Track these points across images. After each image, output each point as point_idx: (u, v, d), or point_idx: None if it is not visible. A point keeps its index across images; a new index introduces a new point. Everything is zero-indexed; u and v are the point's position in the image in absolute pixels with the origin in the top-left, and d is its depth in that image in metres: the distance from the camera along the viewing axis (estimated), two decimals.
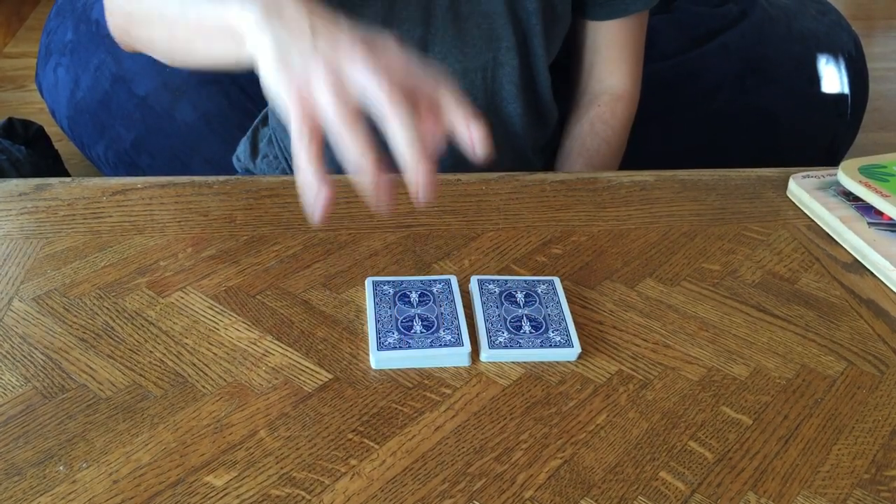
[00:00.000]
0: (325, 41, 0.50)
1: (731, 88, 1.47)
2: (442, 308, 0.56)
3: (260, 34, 0.52)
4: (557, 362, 0.53)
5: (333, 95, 0.48)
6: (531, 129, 0.94)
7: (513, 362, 0.52)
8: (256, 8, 0.53)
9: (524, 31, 0.85)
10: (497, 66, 0.86)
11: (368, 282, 0.58)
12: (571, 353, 0.53)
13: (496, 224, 0.67)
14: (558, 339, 0.53)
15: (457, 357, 0.52)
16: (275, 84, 0.51)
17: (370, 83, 0.48)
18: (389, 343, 0.53)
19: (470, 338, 0.53)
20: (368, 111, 0.48)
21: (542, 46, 0.87)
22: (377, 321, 0.54)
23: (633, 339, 0.55)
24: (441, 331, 0.54)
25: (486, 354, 0.53)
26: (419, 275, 0.60)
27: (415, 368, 0.52)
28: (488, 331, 0.54)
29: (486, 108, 0.89)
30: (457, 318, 0.55)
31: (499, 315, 0.55)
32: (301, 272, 0.61)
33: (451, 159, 0.90)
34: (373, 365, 0.52)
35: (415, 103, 0.49)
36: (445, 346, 0.52)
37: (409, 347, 0.52)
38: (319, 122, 0.49)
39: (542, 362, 0.53)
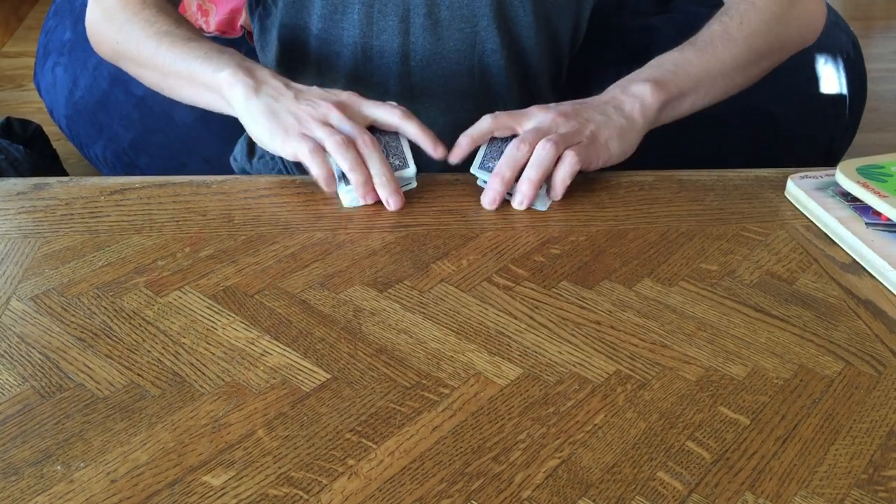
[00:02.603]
0: (304, 99, 0.68)
1: None
2: (387, 137, 0.69)
3: (249, 103, 0.68)
4: (556, 362, 0.53)
5: (325, 130, 0.66)
6: None
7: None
8: (242, 78, 0.68)
9: (514, 30, 0.84)
10: (483, 67, 0.85)
11: None
12: None
13: (494, 224, 0.67)
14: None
15: (404, 180, 0.68)
16: (271, 141, 0.67)
17: (346, 131, 0.67)
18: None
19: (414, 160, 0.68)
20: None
21: (535, 47, 0.86)
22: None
23: (631, 340, 0.55)
24: (389, 157, 0.68)
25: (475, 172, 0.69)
26: (418, 273, 0.60)
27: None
28: (484, 156, 0.70)
29: (478, 110, 0.88)
30: (400, 143, 0.70)
31: (499, 147, 0.70)
32: (299, 272, 0.61)
33: (446, 161, 0.90)
34: (345, 204, 0.67)
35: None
36: (394, 170, 0.67)
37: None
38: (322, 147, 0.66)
39: (540, 363, 0.53)
